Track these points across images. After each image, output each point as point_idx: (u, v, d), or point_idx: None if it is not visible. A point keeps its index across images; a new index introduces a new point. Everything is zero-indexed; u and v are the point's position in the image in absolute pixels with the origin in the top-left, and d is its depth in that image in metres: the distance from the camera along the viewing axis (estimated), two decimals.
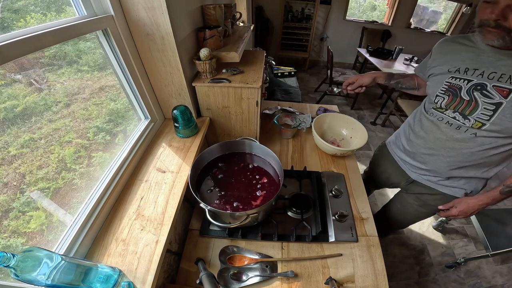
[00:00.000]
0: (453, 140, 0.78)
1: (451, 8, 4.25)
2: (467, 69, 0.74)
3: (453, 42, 0.81)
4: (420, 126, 0.89)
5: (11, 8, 0.53)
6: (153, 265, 0.56)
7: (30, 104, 0.56)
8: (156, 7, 0.69)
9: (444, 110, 0.79)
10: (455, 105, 0.76)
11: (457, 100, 0.75)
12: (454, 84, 0.76)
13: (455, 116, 0.76)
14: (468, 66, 0.74)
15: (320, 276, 0.73)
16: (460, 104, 0.74)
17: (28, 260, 0.39)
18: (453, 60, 0.78)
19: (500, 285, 1.56)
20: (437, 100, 0.80)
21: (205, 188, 0.82)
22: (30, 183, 0.55)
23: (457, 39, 0.81)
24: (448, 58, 0.80)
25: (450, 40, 0.83)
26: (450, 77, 0.77)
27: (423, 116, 0.89)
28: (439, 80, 0.80)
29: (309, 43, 4.17)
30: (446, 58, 0.81)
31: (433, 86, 0.82)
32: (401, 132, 1.03)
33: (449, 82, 0.77)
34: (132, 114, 0.89)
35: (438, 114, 0.82)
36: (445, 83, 0.78)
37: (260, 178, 0.85)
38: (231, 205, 0.77)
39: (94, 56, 0.75)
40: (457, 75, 0.75)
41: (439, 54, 0.85)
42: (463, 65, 0.75)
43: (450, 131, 0.78)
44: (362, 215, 0.89)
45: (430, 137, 0.85)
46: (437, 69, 0.82)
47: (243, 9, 2.22)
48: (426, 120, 0.87)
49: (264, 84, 1.30)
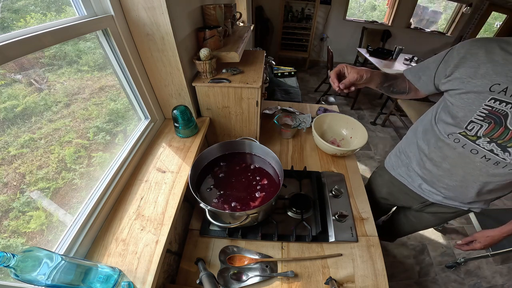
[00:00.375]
0: (488, 174, 0.67)
1: (451, 8, 4.25)
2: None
3: (494, 47, 0.60)
4: (441, 157, 0.74)
5: (11, 8, 0.53)
6: (153, 265, 0.56)
7: (30, 104, 0.56)
8: (156, 7, 0.69)
9: (476, 139, 0.64)
10: (497, 135, 0.61)
11: (500, 130, 0.60)
12: (497, 109, 0.59)
13: (493, 149, 0.63)
14: None
15: (320, 276, 0.73)
16: (503, 135, 0.60)
17: (28, 260, 0.39)
18: (496, 74, 0.58)
19: (500, 285, 1.56)
20: (471, 127, 0.64)
21: (205, 188, 0.82)
22: (30, 183, 0.55)
23: (501, 43, 0.60)
24: (487, 71, 0.60)
25: (487, 43, 0.61)
26: (491, 99, 0.59)
27: (444, 143, 0.72)
28: (474, 101, 0.62)
29: (309, 43, 4.17)
30: (484, 71, 0.60)
31: (464, 108, 0.64)
32: (409, 154, 0.88)
33: (490, 106, 0.60)
34: (132, 114, 0.89)
35: (469, 144, 0.66)
36: (484, 106, 0.60)
37: (260, 178, 0.85)
38: (231, 205, 0.77)
39: (94, 56, 0.75)
40: (502, 98, 0.58)
41: (470, 62, 0.62)
42: (511, 83, 0.57)
43: (486, 166, 0.66)
44: (362, 215, 0.89)
45: (458, 171, 0.72)
46: (468, 84, 0.62)
47: (243, 9, 2.22)
48: (450, 150, 0.71)
49: (264, 84, 1.30)
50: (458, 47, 0.67)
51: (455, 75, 0.65)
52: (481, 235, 0.81)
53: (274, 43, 4.32)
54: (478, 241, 0.82)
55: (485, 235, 0.80)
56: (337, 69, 0.79)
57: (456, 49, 0.67)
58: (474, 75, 0.61)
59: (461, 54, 0.64)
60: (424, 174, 0.82)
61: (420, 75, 0.77)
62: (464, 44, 0.66)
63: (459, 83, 0.64)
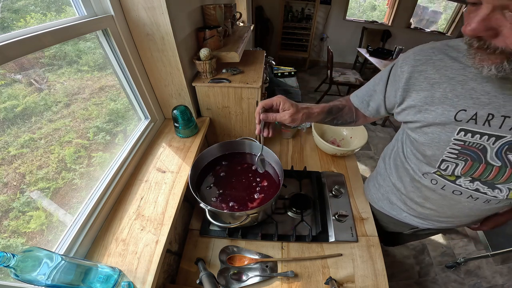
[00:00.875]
0: (479, 210, 0.58)
1: (451, 8, 4.25)
2: (491, 115, 0.43)
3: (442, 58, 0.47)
4: (421, 197, 0.65)
5: (11, 8, 0.53)
6: (153, 265, 0.56)
7: (30, 104, 0.56)
8: (156, 7, 0.69)
9: (456, 178, 0.53)
10: (478, 174, 0.49)
11: (480, 167, 0.48)
12: (471, 143, 0.47)
13: (478, 188, 0.52)
14: (490, 108, 0.43)
15: (320, 276, 0.73)
16: (486, 173, 0.48)
17: (28, 260, 0.39)
18: (457, 97, 0.46)
19: (500, 285, 1.55)
20: (445, 166, 0.52)
21: (205, 188, 0.82)
22: (30, 183, 0.55)
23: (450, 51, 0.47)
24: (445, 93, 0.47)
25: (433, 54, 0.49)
26: (460, 131, 0.46)
27: (421, 184, 0.62)
28: (440, 136, 0.49)
29: (309, 43, 4.17)
30: (440, 93, 0.47)
31: (431, 146, 0.52)
32: (386, 189, 0.78)
33: (461, 140, 0.47)
34: (132, 114, 0.89)
35: (449, 185, 0.56)
36: (453, 142, 0.48)
37: (260, 179, 0.85)
38: (231, 205, 0.77)
39: (94, 56, 0.75)
40: (473, 128, 0.45)
41: (420, 83, 0.50)
42: (479, 106, 0.44)
43: (475, 205, 0.56)
44: (362, 215, 0.89)
45: (445, 210, 0.63)
46: (427, 114, 0.49)
47: (243, 9, 2.22)
48: (429, 192, 0.61)
49: (264, 84, 1.30)
50: (401, 62, 0.53)
51: (408, 102, 0.52)
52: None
53: (274, 43, 4.32)
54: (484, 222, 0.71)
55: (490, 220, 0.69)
56: (269, 102, 0.60)
57: (399, 65, 0.53)
58: (431, 100, 0.48)
59: (406, 72, 0.51)
60: (408, 210, 0.73)
61: (368, 101, 0.65)
62: (407, 57, 0.53)
63: (415, 113, 0.51)
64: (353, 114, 0.71)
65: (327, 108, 0.67)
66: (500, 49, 0.34)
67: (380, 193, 0.82)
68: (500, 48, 0.34)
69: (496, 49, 0.34)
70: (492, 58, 0.36)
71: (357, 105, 0.69)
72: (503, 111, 0.42)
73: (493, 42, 0.34)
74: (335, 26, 4.27)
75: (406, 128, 0.59)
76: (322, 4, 3.92)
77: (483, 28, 0.33)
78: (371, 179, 0.90)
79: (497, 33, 0.33)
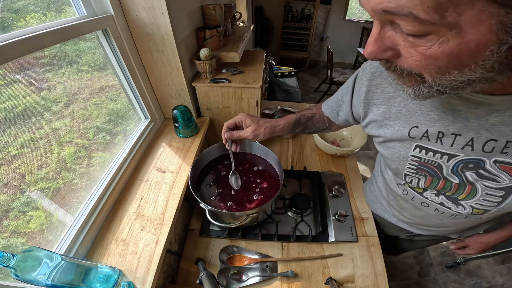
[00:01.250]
0: (450, 223, 0.58)
1: None
2: (441, 133, 0.42)
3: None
4: (399, 206, 0.66)
5: (11, 8, 0.53)
6: (153, 265, 0.56)
7: (30, 104, 0.56)
8: (156, 7, 0.69)
9: (423, 191, 0.54)
10: (440, 187, 0.49)
11: (440, 183, 0.48)
12: (426, 160, 0.46)
13: (443, 202, 0.52)
14: (440, 126, 0.42)
15: (320, 276, 0.73)
16: (447, 188, 0.48)
17: (28, 260, 0.39)
18: (410, 112, 0.45)
19: (500, 285, 1.56)
20: (409, 179, 0.53)
21: (205, 188, 0.82)
22: (30, 183, 0.55)
23: None
24: (399, 109, 0.46)
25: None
26: (416, 147, 0.46)
27: (396, 194, 0.63)
28: (400, 151, 0.49)
29: (309, 43, 4.17)
30: (396, 109, 0.46)
31: (393, 160, 0.51)
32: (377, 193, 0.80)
33: (417, 157, 0.47)
34: (132, 114, 0.89)
35: (417, 197, 0.56)
36: (411, 158, 0.48)
37: (260, 179, 0.85)
38: (231, 205, 0.77)
39: (94, 56, 0.75)
40: (427, 145, 0.45)
41: (378, 97, 0.49)
42: (430, 123, 0.43)
43: (443, 217, 0.56)
44: (362, 215, 0.89)
45: (420, 220, 0.64)
46: (387, 129, 0.49)
47: (243, 9, 2.22)
48: (403, 201, 0.62)
49: (264, 84, 1.30)
50: (361, 73, 0.52)
51: (370, 117, 0.52)
52: (473, 241, 0.71)
53: (274, 43, 4.32)
54: (471, 247, 0.73)
55: (478, 241, 0.70)
56: (231, 121, 0.65)
57: (360, 76, 0.52)
58: (389, 115, 0.47)
59: (364, 86, 0.50)
60: (396, 215, 0.74)
61: (337, 111, 0.65)
62: (364, 69, 0.51)
63: (378, 127, 0.51)
64: (325, 121, 0.71)
65: (293, 120, 0.68)
66: (407, 71, 0.30)
67: (374, 195, 0.83)
68: (406, 70, 0.30)
69: (403, 70, 0.30)
70: (405, 81, 0.32)
71: (327, 114, 0.69)
72: (453, 128, 0.41)
73: (398, 64, 0.30)
74: (335, 26, 4.27)
75: (374, 141, 0.58)
76: (322, 4, 3.92)
77: (380, 49, 0.29)
78: (368, 181, 0.92)
79: (398, 53, 0.29)
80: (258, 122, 0.63)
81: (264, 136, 0.63)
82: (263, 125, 0.63)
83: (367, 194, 0.91)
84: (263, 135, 0.63)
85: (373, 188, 0.84)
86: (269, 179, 0.86)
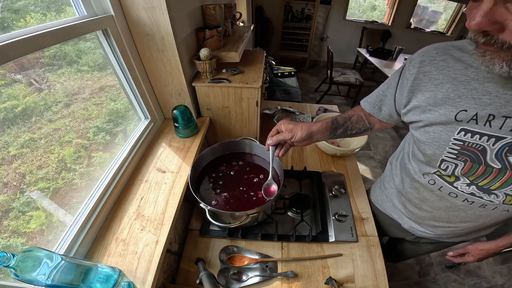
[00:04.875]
0: (475, 216, 0.57)
1: (451, 8, 4.25)
2: (492, 116, 0.43)
3: (446, 58, 0.48)
4: (419, 198, 0.65)
5: (11, 8, 0.53)
6: (153, 265, 0.56)
7: (30, 104, 0.56)
8: (156, 7, 0.69)
9: (455, 180, 0.53)
10: (476, 176, 0.49)
11: (480, 169, 0.48)
12: (470, 143, 0.46)
13: (474, 193, 0.52)
14: (492, 109, 0.43)
15: (320, 276, 0.73)
16: (485, 175, 0.48)
17: (28, 260, 0.39)
18: (459, 97, 0.46)
19: (500, 285, 1.56)
20: (445, 166, 0.53)
21: (205, 188, 0.82)
22: (30, 183, 0.55)
23: (454, 52, 0.48)
24: (447, 94, 0.47)
25: (438, 54, 0.49)
26: (461, 131, 0.47)
27: (420, 184, 0.62)
28: (441, 136, 0.50)
29: (309, 43, 4.17)
30: (443, 94, 0.48)
31: (431, 144, 0.52)
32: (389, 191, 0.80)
33: (461, 140, 0.47)
34: (132, 114, 0.89)
35: (446, 187, 0.56)
36: (453, 142, 0.48)
37: (260, 179, 0.85)
38: (231, 205, 0.77)
39: (94, 56, 0.75)
40: (474, 128, 0.45)
41: (425, 83, 0.51)
42: (480, 106, 0.44)
43: (471, 208, 0.56)
44: (362, 215, 0.89)
45: (441, 213, 0.63)
46: (430, 114, 0.50)
47: (243, 9, 2.22)
48: (427, 192, 0.62)
49: (264, 84, 1.30)
50: (408, 65, 0.54)
51: (413, 103, 0.53)
52: (474, 248, 0.71)
53: (274, 43, 4.32)
54: (471, 254, 0.72)
55: (478, 248, 0.70)
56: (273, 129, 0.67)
57: (407, 67, 0.54)
58: (434, 101, 0.49)
59: (413, 74, 0.52)
60: (407, 213, 0.74)
61: (379, 106, 0.65)
62: (413, 59, 0.53)
63: (420, 113, 0.52)
64: (365, 121, 0.70)
65: (330, 120, 0.68)
66: (508, 44, 0.32)
67: (385, 194, 0.84)
68: (508, 43, 0.32)
69: (504, 43, 0.33)
70: (502, 55, 0.34)
71: (369, 110, 0.69)
72: (504, 111, 0.42)
73: (500, 37, 0.33)
74: (335, 26, 4.27)
75: (410, 127, 0.59)
76: (322, 4, 3.92)
77: (488, 22, 0.32)
78: (378, 182, 0.92)
79: (503, 27, 0.32)
80: (296, 124, 0.64)
81: (301, 134, 0.63)
82: (300, 125, 0.64)
83: (375, 194, 0.90)
84: (300, 133, 0.62)
85: (384, 187, 0.84)
86: (268, 176, 0.86)
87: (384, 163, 2.40)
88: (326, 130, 0.67)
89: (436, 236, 0.73)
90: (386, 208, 0.84)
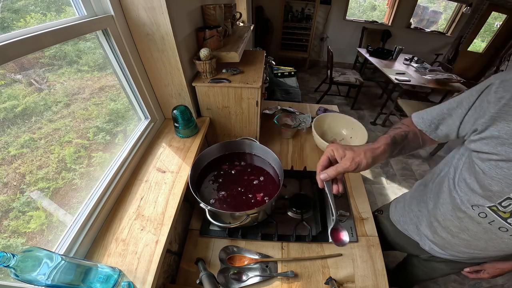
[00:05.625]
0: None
1: (451, 8, 4.26)
2: None
3: None
4: (459, 227, 0.61)
5: (11, 8, 0.53)
6: (153, 265, 0.56)
7: (30, 104, 0.56)
8: (156, 7, 0.69)
9: (510, 216, 0.49)
10: None
11: None
12: None
13: None
14: None
15: (320, 276, 0.73)
16: None
17: (28, 260, 0.39)
18: None
19: (500, 285, 1.55)
20: (507, 203, 0.48)
21: (205, 188, 0.82)
22: (30, 183, 0.55)
23: None
24: None
25: None
26: None
27: (465, 215, 0.58)
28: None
29: (309, 43, 4.17)
30: None
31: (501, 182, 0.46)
32: (417, 214, 0.76)
33: None
34: (132, 114, 0.89)
35: (498, 221, 0.51)
36: None
37: (260, 179, 0.85)
38: (231, 205, 0.77)
39: (94, 56, 0.75)
40: None
41: None
42: None
43: None
44: (362, 215, 0.89)
45: (480, 243, 0.59)
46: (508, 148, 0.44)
47: (243, 9, 2.22)
48: (472, 224, 0.57)
49: (264, 84, 1.30)
50: (498, 84, 0.46)
51: (491, 132, 0.46)
52: (491, 266, 0.70)
53: (274, 43, 4.32)
54: (487, 271, 0.72)
55: (495, 266, 0.70)
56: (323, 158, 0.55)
57: (495, 90, 0.46)
58: None
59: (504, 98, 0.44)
60: (435, 239, 0.70)
61: (437, 125, 0.58)
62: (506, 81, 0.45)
63: (497, 145, 0.45)
64: (418, 139, 0.62)
65: (390, 140, 0.58)
66: None
67: (409, 217, 0.79)
68: None
69: None
70: None
71: (421, 127, 0.61)
72: None
73: None
74: (335, 26, 4.28)
75: (475, 157, 0.51)
76: (322, 4, 3.93)
77: None
78: (401, 200, 0.87)
79: None
80: (352, 148, 0.53)
81: (367, 163, 0.52)
82: (361, 150, 0.53)
83: (398, 214, 0.86)
84: (366, 161, 0.52)
85: (410, 209, 0.79)
86: (268, 176, 0.86)
87: (384, 163, 2.40)
88: (388, 150, 0.57)
89: (458, 258, 0.71)
90: (408, 229, 0.81)
